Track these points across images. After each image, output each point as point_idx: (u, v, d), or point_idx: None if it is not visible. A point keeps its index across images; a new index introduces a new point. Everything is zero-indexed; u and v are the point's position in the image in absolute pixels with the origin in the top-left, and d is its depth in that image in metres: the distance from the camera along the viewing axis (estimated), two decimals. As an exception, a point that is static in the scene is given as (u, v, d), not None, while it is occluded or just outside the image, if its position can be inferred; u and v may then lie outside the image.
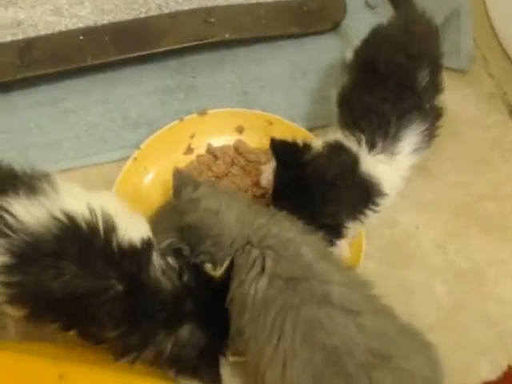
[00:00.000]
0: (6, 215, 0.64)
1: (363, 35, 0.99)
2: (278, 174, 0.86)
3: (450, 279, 0.94)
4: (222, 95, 1.12)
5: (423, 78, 0.89)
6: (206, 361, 0.71)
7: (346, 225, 0.83)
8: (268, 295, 0.71)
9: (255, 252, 0.74)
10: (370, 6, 1.27)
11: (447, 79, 1.15)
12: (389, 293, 0.79)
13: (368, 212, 0.84)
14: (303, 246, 0.75)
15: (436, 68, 0.94)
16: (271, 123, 1.03)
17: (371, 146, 0.85)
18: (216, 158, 1.02)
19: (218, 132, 1.03)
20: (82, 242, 0.65)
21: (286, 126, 1.01)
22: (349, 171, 0.83)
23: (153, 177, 0.98)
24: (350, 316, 0.69)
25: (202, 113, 1.04)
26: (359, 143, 0.85)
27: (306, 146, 0.86)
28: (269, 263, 0.73)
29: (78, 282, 0.64)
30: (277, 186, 0.86)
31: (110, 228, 0.67)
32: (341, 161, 0.84)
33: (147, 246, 0.70)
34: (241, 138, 1.03)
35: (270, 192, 0.89)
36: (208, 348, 0.71)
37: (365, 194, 0.84)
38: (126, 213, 0.72)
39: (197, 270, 0.74)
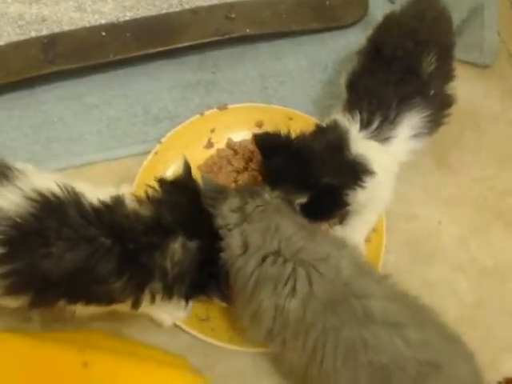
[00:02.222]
0: None
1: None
2: (265, 164, 0.86)
3: (473, 275, 0.93)
4: (243, 90, 1.13)
5: (429, 63, 0.89)
6: (208, 275, 0.74)
7: (345, 191, 0.82)
8: (306, 319, 0.70)
9: (289, 267, 0.72)
10: (391, 1, 1.26)
11: (471, 74, 1.16)
12: (410, 288, 0.78)
13: (356, 187, 0.82)
14: (341, 260, 0.73)
15: (446, 55, 0.93)
16: (291, 118, 1.03)
17: (365, 126, 0.85)
18: (236, 152, 1.02)
19: (238, 126, 1.04)
20: (58, 213, 0.67)
21: (305, 120, 1.00)
22: (336, 146, 0.83)
23: (173, 170, 0.99)
24: (395, 330, 0.67)
25: (223, 107, 1.04)
26: (353, 121, 0.85)
27: (288, 133, 0.87)
28: (301, 284, 0.71)
29: (68, 255, 0.65)
30: (266, 174, 0.86)
31: (79, 194, 0.69)
32: (326, 136, 0.85)
33: (117, 198, 0.72)
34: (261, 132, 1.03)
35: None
36: (205, 261, 0.73)
37: (352, 170, 0.83)
38: (89, 183, 0.75)
39: (167, 183, 0.76)
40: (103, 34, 1.11)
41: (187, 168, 0.79)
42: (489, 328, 0.88)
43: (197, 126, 1.02)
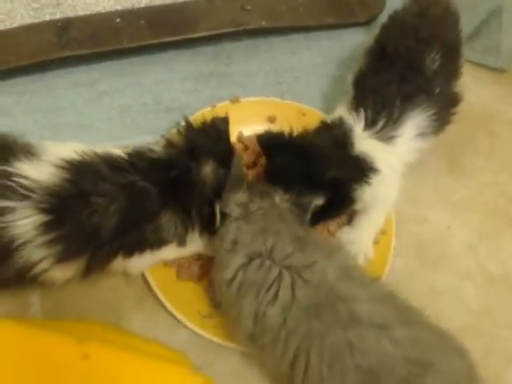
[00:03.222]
0: (19, 179, 0.68)
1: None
2: (269, 164, 0.86)
3: (480, 283, 0.92)
4: (256, 84, 1.11)
5: (432, 61, 0.88)
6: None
7: (352, 186, 0.82)
8: (287, 325, 0.69)
9: (275, 271, 0.71)
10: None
11: (487, 77, 1.15)
12: (416, 293, 0.77)
13: (362, 183, 0.82)
14: (328, 265, 0.72)
15: (451, 52, 0.92)
16: (304, 114, 1.02)
17: (370, 125, 0.85)
18: (246, 146, 1.01)
19: (249, 120, 1.02)
20: (91, 172, 0.71)
21: (318, 117, 0.99)
22: (340, 142, 0.83)
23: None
24: (382, 331, 0.66)
25: (235, 100, 1.03)
26: (358, 119, 0.85)
27: (291, 131, 0.87)
28: (284, 291, 0.70)
29: (112, 208, 0.69)
30: (271, 174, 0.85)
31: (105, 152, 0.75)
32: (331, 132, 0.85)
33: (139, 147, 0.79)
34: (272, 127, 1.02)
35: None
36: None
37: (356, 166, 0.82)
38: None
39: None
40: (118, 20, 1.10)
41: (226, 118, 0.85)
42: (495, 338, 0.86)
43: (208, 118, 1.01)
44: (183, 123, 0.83)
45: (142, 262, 0.80)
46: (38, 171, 0.69)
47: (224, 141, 0.83)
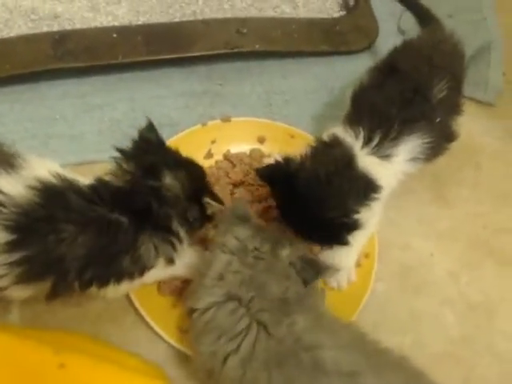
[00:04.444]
0: None
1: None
2: (274, 194, 0.86)
3: (460, 310, 0.92)
4: (247, 105, 1.13)
5: (440, 90, 0.88)
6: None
7: (355, 210, 0.79)
8: (246, 378, 0.66)
9: (245, 321, 0.69)
10: (401, 32, 1.28)
11: (475, 111, 1.17)
12: (397, 318, 0.77)
13: (369, 203, 0.81)
14: (298, 317, 0.70)
15: (456, 87, 0.93)
16: (292, 136, 1.03)
17: (367, 142, 0.83)
18: (233, 164, 1.01)
19: (239, 140, 1.04)
20: (60, 199, 0.68)
21: (306, 139, 1.00)
22: (344, 165, 0.81)
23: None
24: (349, 379, 0.63)
25: (226, 119, 1.05)
26: (355, 136, 0.84)
27: (288, 159, 0.84)
28: (246, 343, 0.68)
29: (81, 238, 0.66)
30: (279, 207, 0.85)
31: (72, 179, 0.71)
32: (332, 151, 0.83)
33: (99, 178, 0.74)
34: (261, 147, 1.03)
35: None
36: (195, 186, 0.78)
37: (362, 187, 0.81)
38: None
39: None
40: (114, 35, 1.12)
41: (149, 121, 0.82)
42: (473, 366, 0.86)
43: (198, 136, 1.02)
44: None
45: (120, 290, 0.76)
46: (13, 186, 0.66)
47: (160, 145, 0.81)
